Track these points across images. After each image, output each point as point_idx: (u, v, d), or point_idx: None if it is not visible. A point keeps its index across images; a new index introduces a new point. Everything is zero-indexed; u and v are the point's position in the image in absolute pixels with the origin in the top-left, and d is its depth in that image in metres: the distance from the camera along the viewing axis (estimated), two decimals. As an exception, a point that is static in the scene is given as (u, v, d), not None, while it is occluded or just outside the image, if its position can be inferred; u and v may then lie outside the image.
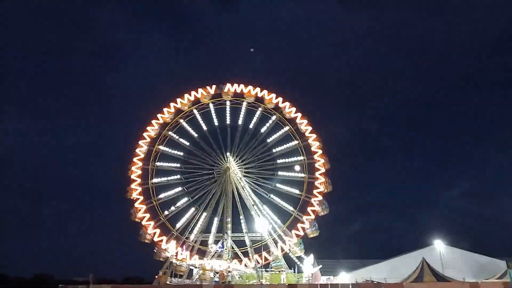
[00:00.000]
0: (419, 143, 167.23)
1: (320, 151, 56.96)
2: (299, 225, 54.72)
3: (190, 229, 56.74)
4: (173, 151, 59.09)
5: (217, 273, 52.40)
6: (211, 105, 60.88)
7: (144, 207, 54.56)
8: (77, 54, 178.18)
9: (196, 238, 56.86)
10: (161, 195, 57.17)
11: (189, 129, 60.06)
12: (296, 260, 53.63)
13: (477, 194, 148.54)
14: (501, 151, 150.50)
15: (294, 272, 53.71)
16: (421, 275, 44.20)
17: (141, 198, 54.97)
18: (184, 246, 54.90)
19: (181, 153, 59.18)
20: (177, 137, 59.55)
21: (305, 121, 58.26)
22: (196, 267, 54.08)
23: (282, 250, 54.32)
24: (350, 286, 41.46)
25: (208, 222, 57.63)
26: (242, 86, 60.30)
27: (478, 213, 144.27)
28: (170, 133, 59.50)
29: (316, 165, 56.60)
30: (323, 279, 52.36)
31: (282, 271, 52.52)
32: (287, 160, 58.63)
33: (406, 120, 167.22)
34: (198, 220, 57.14)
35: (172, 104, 59.62)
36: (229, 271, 52.08)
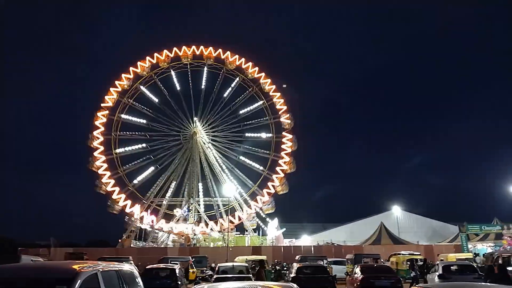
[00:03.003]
0: (381, 114, 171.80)
1: (285, 107, 55.85)
2: (269, 183, 54.21)
3: (155, 193, 56.25)
4: (141, 106, 57.04)
5: (182, 236, 53.00)
6: (171, 70, 57.94)
7: (103, 157, 52.22)
8: (45, 11, 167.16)
9: (162, 202, 56.61)
10: (121, 149, 55.19)
11: (150, 95, 57.67)
12: (261, 224, 54.71)
13: (433, 164, 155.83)
14: (458, 124, 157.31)
15: (259, 235, 55.06)
16: (379, 238, 46.50)
17: (107, 170, 52.24)
18: (149, 210, 54.62)
19: (144, 121, 56.88)
20: (140, 106, 57.11)
21: (269, 80, 56.69)
22: (162, 231, 54.29)
23: (256, 206, 53.90)
24: (312, 248, 43.09)
25: (173, 186, 57.29)
26: (202, 47, 57.25)
27: (433, 182, 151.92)
28: (130, 101, 56.45)
29: (282, 118, 55.71)
30: (285, 242, 53.97)
31: (248, 232, 53.62)
32: (253, 124, 57.87)
33: (370, 92, 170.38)
34: (164, 184, 56.69)
35: (148, 58, 56.01)
36: (195, 234, 52.71)
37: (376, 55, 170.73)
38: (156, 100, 57.69)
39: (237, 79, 58.24)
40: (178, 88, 58.38)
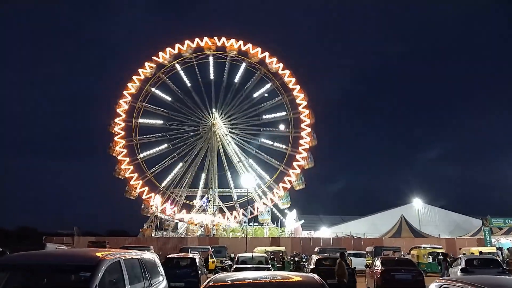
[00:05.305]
0: (402, 106, 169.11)
1: (304, 103, 54.51)
2: (286, 178, 53.66)
3: (175, 184, 56.92)
4: (156, 107, 57.47)
5: (202, 226, 53.55)
6: (193, 60, 57.91)
7: (130, 167, 53.16)
8: (63, 2, 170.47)
9: (182, 193, 57.19)
10: (146, 153, 56.15)
11: (172, 85, 57.87)
12: (279, 215, 54.76)
13: (456, 157, 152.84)
14: (480, 116, 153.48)
15: (277, 226, 55.12)
16: (399, 231, 45.83)
17: (126, 156, 53.27)
18: (169, 201, 55.29)
19: (165, 110, 57.63)
20: (160, 93, 57.60)
21: (288, 72, 55.29)
22: (182, 221, 54.97)
23: (272, 201, 53.55)
24: (331, 240, 42.89)
25: (193, 177, 57.85)
26: (223, 39, 56.32)
27: (456, 174, 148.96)
28: (152, 89, 57.16)
29: (302, 116, 54.51)
30: (304, 234, 53.90)
31: (266, 224, 53.67)
32: (272, 115, 57.61)
33: (390, 82, 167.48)
34: (184, 175, 57.27)
35: (154, 58, 55.92)
36: (214, 225, 53.16)
37: (395, 43, 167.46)
38: (169, 99, 58.08)
39: (258, 72, 57.35)
40: (199, 78, 58.43)
